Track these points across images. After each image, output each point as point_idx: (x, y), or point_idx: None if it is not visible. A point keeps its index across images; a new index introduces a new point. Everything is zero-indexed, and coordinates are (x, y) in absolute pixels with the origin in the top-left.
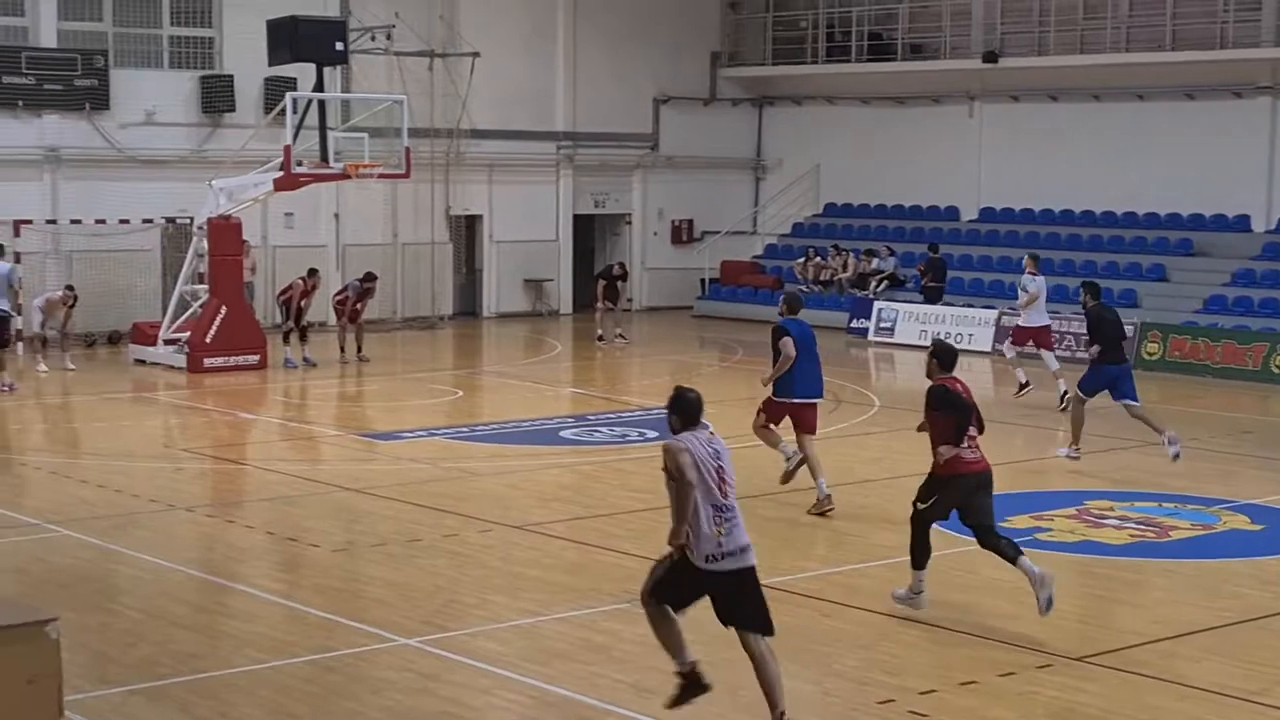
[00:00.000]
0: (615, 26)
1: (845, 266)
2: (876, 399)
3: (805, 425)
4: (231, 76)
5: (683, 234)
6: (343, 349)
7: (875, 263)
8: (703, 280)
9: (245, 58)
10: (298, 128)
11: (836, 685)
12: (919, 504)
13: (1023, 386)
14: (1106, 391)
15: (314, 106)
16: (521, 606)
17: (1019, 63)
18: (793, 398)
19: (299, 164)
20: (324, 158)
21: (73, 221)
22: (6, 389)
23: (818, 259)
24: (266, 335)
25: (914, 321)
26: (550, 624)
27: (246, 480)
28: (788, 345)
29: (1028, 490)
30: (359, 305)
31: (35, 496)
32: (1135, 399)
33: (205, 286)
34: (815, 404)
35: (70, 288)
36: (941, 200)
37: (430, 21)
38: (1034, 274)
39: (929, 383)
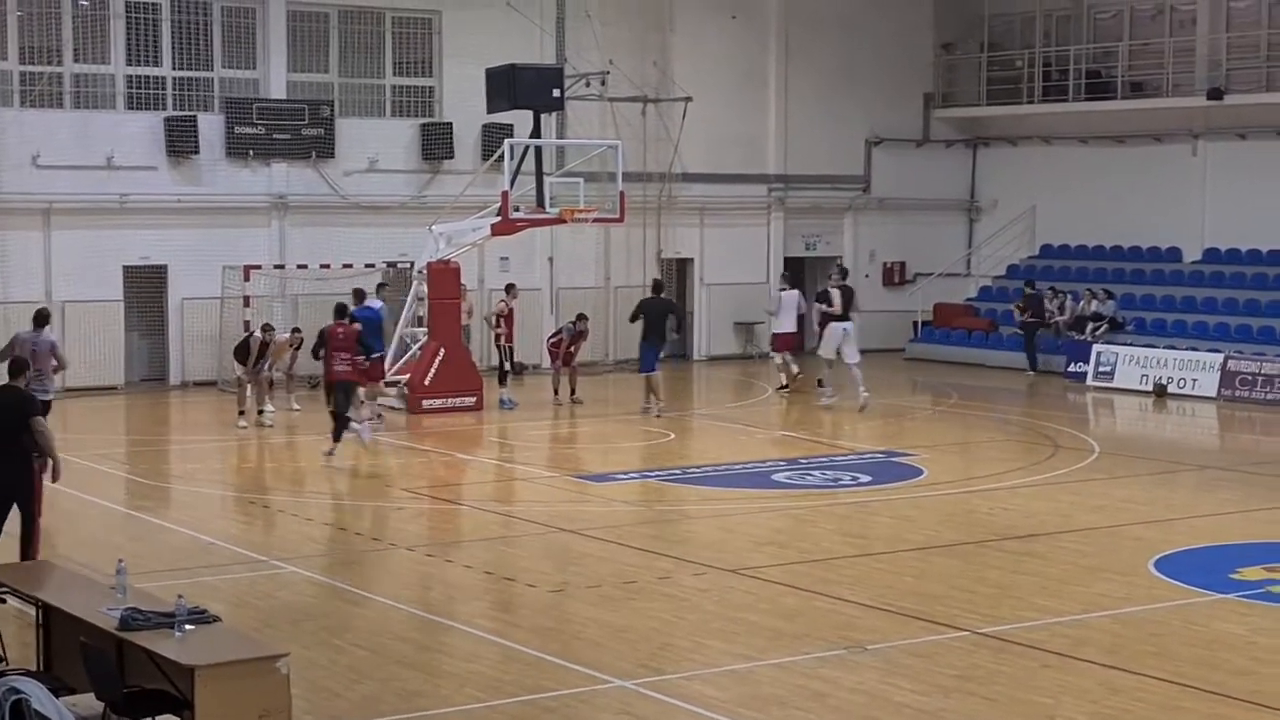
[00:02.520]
0: (827, 69)
1: (1062, 309)
2: (1096, 445)
3: (375, 376)
4: (450, 124)
5: (895, 276)
6: (556, 391)
7: (1094, 306)
8: (915, 323)
9: (464, 106)
10: (515, 173)
11: None
12: (330, 408)
13: (785, 386)
14: None
15: (530, 152)
16: (737, 651)
17: (1246, 99)
18: (368, 356)
19: (516, 209)
20: (540, 203)
21: (299, 266)
22: (376, 418)
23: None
24: (483, 378)
25: (1134, 365)
26: (766, 670)
27: (464, 520)
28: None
29: (1263, 540)
30: (572, 348)
31: (264, 533)
32: (655, 370)
33: (425, 329)
34: (382, 356)
35: (297, 330)
36: (1163, 241)
37: (643, 67)
38: (785, 289)
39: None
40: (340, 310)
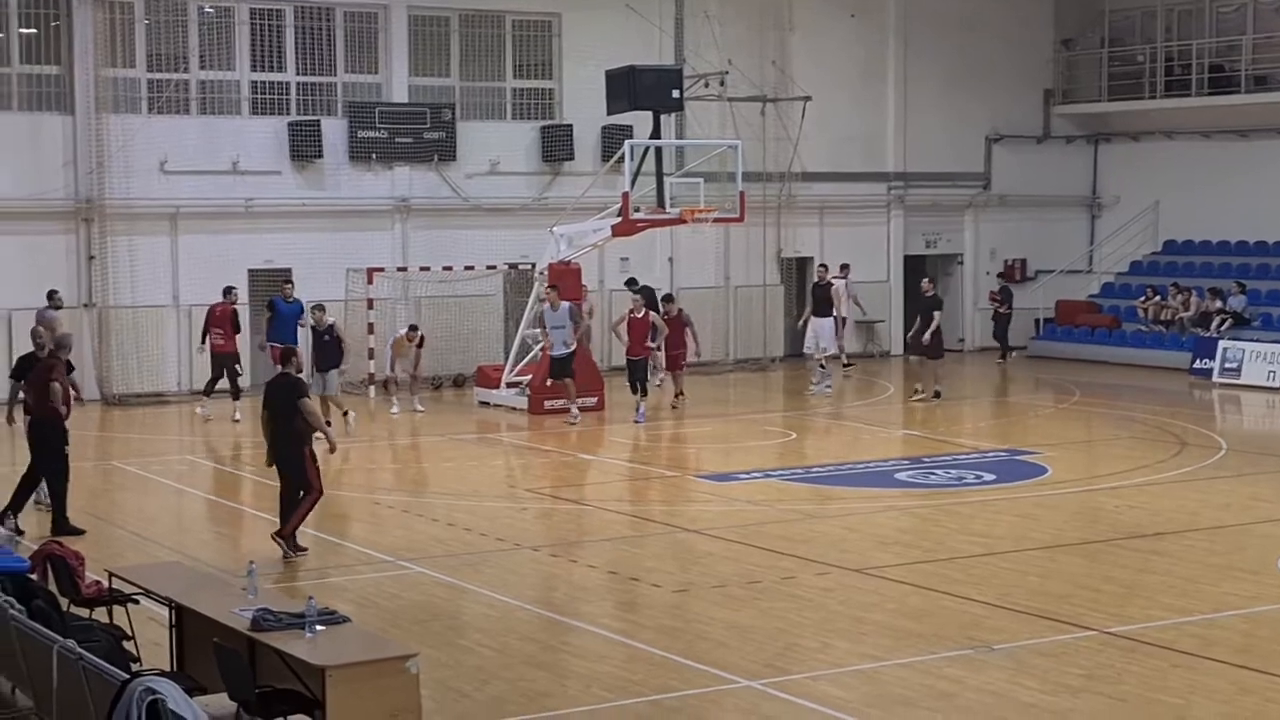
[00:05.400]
0: (946, 66)
1: (1186, 305)
2: (1223, 442)
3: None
4: (571, 126)
5: (1016, 273)
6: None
7: (1217, 302)
8: (1037, 320)
9: (583, 107)
10: (635, 174)
11: None
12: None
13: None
14: None
15: (650, 153)
16: (863, 651)
17: None
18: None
19: (636, 210)
20: (660, 203)
21: (421, 269)
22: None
23: (1157, 298)
24: (604, 379)
25: (1261, 361)
26: (893, 669)
27: (587, 520)
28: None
29: None
30: (689, 344)
31: (389, 534)
32: None
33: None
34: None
35: (414, 327)
36: None
37: (762, 67)
38: (840, 277)
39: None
40: (227, 291)
